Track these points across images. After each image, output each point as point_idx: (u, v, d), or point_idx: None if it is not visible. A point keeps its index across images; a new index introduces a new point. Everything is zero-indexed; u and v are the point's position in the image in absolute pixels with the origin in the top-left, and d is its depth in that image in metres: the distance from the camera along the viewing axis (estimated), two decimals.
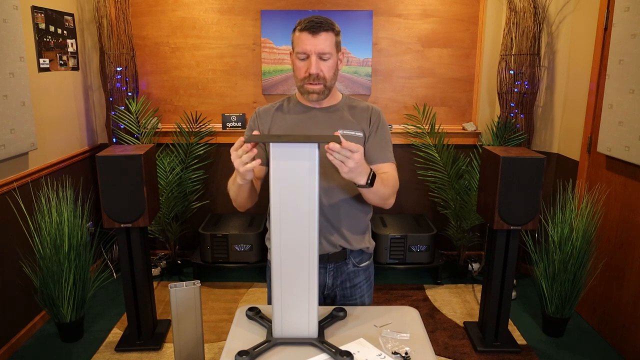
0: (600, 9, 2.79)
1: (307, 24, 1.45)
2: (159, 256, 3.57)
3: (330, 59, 1.46)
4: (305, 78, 1.47)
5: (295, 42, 1.49)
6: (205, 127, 3.49)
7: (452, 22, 3.50)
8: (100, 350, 2.61)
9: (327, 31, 1.44)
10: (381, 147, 1.55)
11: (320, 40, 1.44)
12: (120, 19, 3.23)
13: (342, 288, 1.63)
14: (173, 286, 2.17)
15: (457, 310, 3.05)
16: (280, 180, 1.17)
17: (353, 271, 1.62)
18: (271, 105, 1.62)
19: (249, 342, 1.26)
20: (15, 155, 2.57)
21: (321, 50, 1.44)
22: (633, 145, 2.40)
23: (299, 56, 1.47)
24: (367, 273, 1.66)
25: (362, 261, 1.63)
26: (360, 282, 1.64)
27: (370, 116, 1.57)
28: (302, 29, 1.46)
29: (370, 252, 1.66)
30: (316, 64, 1.45)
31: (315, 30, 1.44)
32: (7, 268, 2.55)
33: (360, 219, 1.59)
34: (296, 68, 1.50)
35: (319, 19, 1.45)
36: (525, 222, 2.43)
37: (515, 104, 3.25)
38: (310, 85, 1.47)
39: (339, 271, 1.60)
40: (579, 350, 2.66)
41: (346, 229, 1.56)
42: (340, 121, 1.54)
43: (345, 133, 1.51)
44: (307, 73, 1.46)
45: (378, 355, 1.24)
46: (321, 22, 1.44)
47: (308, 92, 1.49)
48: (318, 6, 3.46)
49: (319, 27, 1.44)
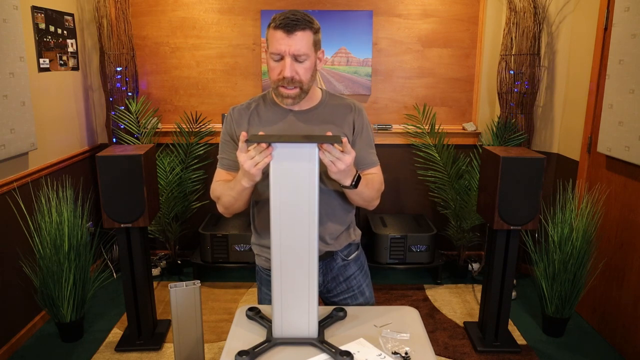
0: (600, 9, 2.79)
1: (282, 21, 1.31)
2: (159, 256, 3.57)
3: (306, 60, 1.35)
4: (280, 80, 1.35)
5: (269, 40, 1.35)
6: (205, 127, 3.49)
7: (452, 22, 3.50)
8: (100, 350, 2.61)
9: (303, 30, 1.32)
10: (366, 151, 1.49)
11: (295, 40, 1.31)
12: (120, 19, 3.23)
13: (337, 283, 1.60)
14: (173, 286, 2.17)
15: (457, 310, 3.06)
16: (280, 181, 1.17)
17: (343, 265, 1.59)
18: (247, 104, 1.51)
19: (249, 342, 1.26)
20: (15, 155, 2.57)
21: (296, 51, 1.32)
22: (633, 145, 2.40)
23: (272, 57, 1.35)
24: (358, 263, 1.63)
25: (350, 253, 1.61)
26: (353, 273, 1.61)
27: (354, 120, 1.49)
28: (276, 27, 1.32)
29: (357, 242, 1.63)
30: (291, 67, 1.33)
31: (290, 29, 1.30)
32: (7, 268, 2.55)
33: (343, 219, 1.54)
34: (270, 68, 1.37)
35: (295, 16, 1.32)
36: (525, 222, 2.43)
37: (515, 104, 3.25)
38: (284, 89, 1.37)
39: (328, 267, 1.58)
40: (579, 350, 2.66)
41: (330, 233, 1.51)
42: (320, 126, 1.45)
43: None
44: (281, 75, 1.34)
45: (378, 355, 1.24)
46: (297, 20, 1.31)
47: (282, 96, 1.38)
48: (318, 6, 3.46)
49: (295, 26, 1.30)
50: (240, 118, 1.48)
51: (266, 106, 1.49)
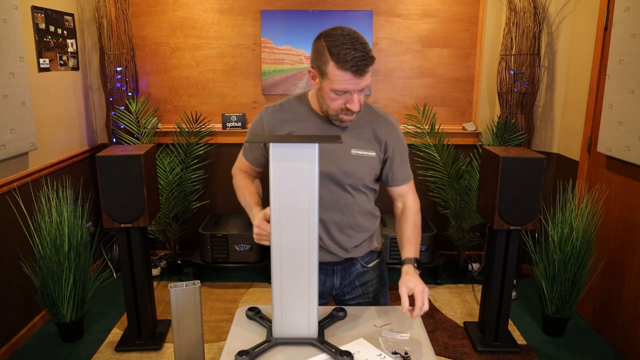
0: (600, 9, 2.79)
1: (353, 64, 1.25)
2: (159, 256, 3.57)
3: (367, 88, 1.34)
4: (344, 110, 1.35)
5: (331, 75, 1.28)
6: (205, 127, 3.50)
7: (452, 22, 3.50)
8: (100, 350, 2.61)
9: (371, 65, 1.28)
10: (400, 167, 1.51)
11: (365, 78, 1.29)
12: (120, 19, 3.23)
13: (352, 287, 1.60)
14: (173, 286, 2.17)
15: (457, 310, 3.05)
16: (280, 181, 1.17)
17: (362, 272, 1.60)
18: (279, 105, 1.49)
19: (249, 342, 1.26)
20: (15, 155, 2.57)
21: (364, 86, 1.31)
22: (633, 145, 2.40)
23: (337, 92, 1.31)
24: (378, 271, 1.62)
25: (371, 260, 1.61)
26: (371, 280, 1.61)
27: (387, 134, 1.47)
28: (345, 68, 1.26)
29: (378, 250, 1.63)
30: (358, 100, 1.32)
31: (362, 72, 1.27)
32: (7, 268, 2.55)
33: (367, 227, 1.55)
34: (329, 99, 1.33)
35: (363, 54, 1.25)
36: (525, 222, 2.43)
37: (515, 104, 3.25)
38: (346, 116, 1.37)
39: (346, 272, 1.58)
40: (579, 350, 2.66)
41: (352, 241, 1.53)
42: (355, 140, 1.44)
43: (359, 154, 1.44)
44: (347, 107, 1.33)
45: (378, 355, 1.24)
46: (364, 57, 1.26)
47: (340, 121, 1.39)
48: (318, 6, 3.46)
49: (365, 66, 1.26)
50: (271, 120, 1.47)
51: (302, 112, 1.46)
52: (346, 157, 1.43)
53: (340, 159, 1.43)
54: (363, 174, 1.46)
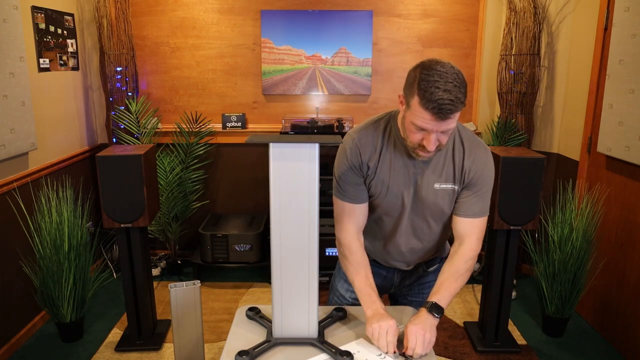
0: (600, 9, 2.79)
1: (435, 105, 1.17)
2: (159, 256, 3.57)
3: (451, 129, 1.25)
4: (420, 146, 1.28)
5: (413, 109, 1.22)
6: (205, 127, 3.49)
7: (452, 22, 3.50)
8: (100, 350, 2.61)
9: (456, 112, 1.19)
10: (474, 202, 1.41)
11: (448, 122, 1.21)
12: (120, 19, 3.23)
13: (411, 287, 1.64)
14: (173, 286, 2.17)
15: (457, 310, 3.05)
16: (280, 181, 1.17)
17: (422, 275, 1.64)
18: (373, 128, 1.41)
19: (249, 342, 1.26)
20: (15, 155, 2.57)
21: (446, 130, 1.23)
22: (633, 145, 2.40)
23: (416, 126, 1.24)
24: (437, 274, 1.58)
25: (433, 264, 1.63)
26: (429, 281, 1.62)
27: (466, 169, 1.39)
28: (427, 107, 1.18)
29: (442, 257, 1.63)
30: (436, 140, 1.25)
31: (443, 116, 1.19)
32: (7, 268, 2.55)
33: (438, 247, 1.58)
34: (409, 130, 1.27)
35: (451, 99, 1.16)
36: (525, 222, 2.43)
37: (515, 104, 3.25)
38: (421, 152, 1.30)
39: (407, 274, 1.62)
40: (579, 350, 2.66)
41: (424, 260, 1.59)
42: (436, 172, 1.39)
43: (442, 187, 1.40)
44: (423, 144, 1.27)
45: (378, 355, 1.24)
46: (453, 104, 1.17)
47: (417, 155, 1.32)
48: (318, 6, 3.46)
49: (449, 112, 1.18)
50: (364, 144, 1.40)
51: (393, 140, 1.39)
52: (428, 191, 1.41)
53: (423, 192, 1.41)
54: (444, 206, 1.44)
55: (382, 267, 1.61)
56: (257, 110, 3.64)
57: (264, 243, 3.32)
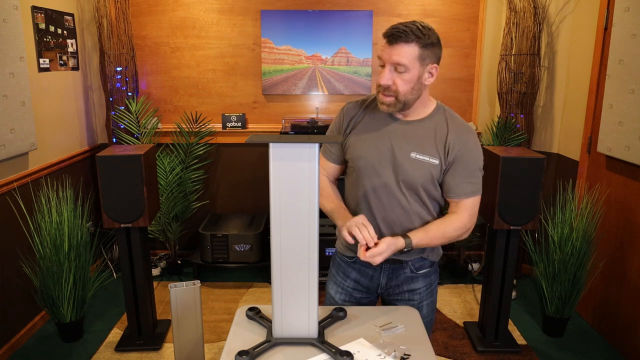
0: (600, 9, 2.79)
1: (388, 31, 1.36)
2: (159, 256, 3.57)
3: (406, 72, 1.36)
4: (379, 86, 1.40)
5: (380, 47, 1.43)
6: (205, 127, 3.49)
7: (452, 22, 3.50)
8: (100, 350, 2.61)
9: (407, 42, 1.33)
10: (462, 181, 1.43)
11: (396, 50, 1.34)
12: (120, 19, 3.23)
13: (399, 292, 1.59)
14: (173, 286, 2.17)
15: (457, 310, 3.05)
16: (280, 181, 1.17)
17: (410, 277, 1.57)
18: (362, 100, 1.56)
19: (249, 342, 1.26)
20: (15, 155, 2.57)
21: (395, 61, 1.35)
22: (633, 145, 2.40)
23: (379, 62, 1.41)
24: (427, 280, 1.59)
25: (422, 268, 1.57)
26: (419, 288, 1.58)
27: (454, 142, 1.42)
28: (383, 36, 1.38)
29: (432, 260, 1.59)
30: (388, 75, 1.37)
31: (393, 40, 1.34)
32: (7, 268, 2.55)
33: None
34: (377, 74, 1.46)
35: (405, 28, 1.34)
36: (525, 222, 2.43)
37: (515, 104, 3.25)
38: (381, 95, 1.40)
39: (394, 273, 1.56)
40: (579, 350, 2.66)
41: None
42: (417, 143, 1.44)
43: (418, 157, 1.42)
44: (379, 82, 1.40)
45: (378, 355, 1.24)
46: (403, 32, 1.33)
47: (379, 102, 1.42)
48: (318, 6, 3.46)
49: (398, 37, 1.34)
50: (352, 109, 1.54)
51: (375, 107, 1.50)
52: (404, 160, 1.43)
53: (398, 160, 1.43)
54: (418, 179, 1.43)
55: (369, 266, 1.57)
56: (257, 110, 3.64)
57: (264, 243, 3.32)
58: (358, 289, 1.60)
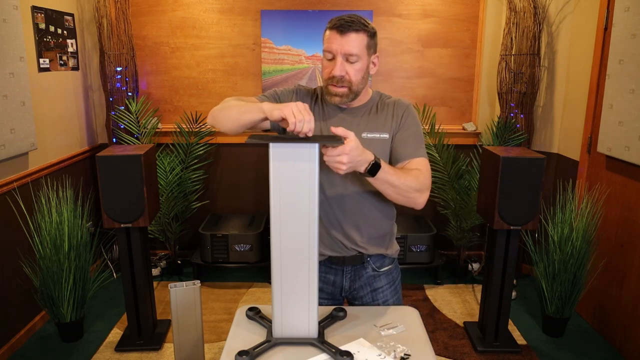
0: (600, 9, 2.79)
1: (337, 22, 1.37)
2: (159, 256, 3.57)
3: (358, 61, 1.38)
4: (330, 78, 1.40)
5: (324, 40, 1.42)
6: (205, 127, 3.49)
7: (452, 22, 3.50)
8: (100, 350, 2.61)
9: (357, 31, 1.36)
10: (406, 143, 1.45)
11: (347, 40, 1.35)
12: (120, 19, 3.23)
13: (364, 293, 1.58)
14: (173, 286, 2.17)
15: (457, 310, 3.05)
16: (280, 181, 1.17)
17: (373, 275, 1.57)
18: (313, 90, 1.57)
19: (249, 342, 1.26)
20: (15, 155, 2.57)
21: (348, 51, 1.36)
22: (633, 145, 2.40)
23: (326, 55, 1.41)
24: (390, 277, 1.60)
25: (383, 265, 1.58)
26: (382, 286, 1.59)
27: (394, 113, 1.48)
28: (331, 27, 1.38)
29: (392, 257, 1.60)
30: (341, 66, 1.37)
31: (344, 30, 1.35)
32: (7, 268, 2.55)
33: (378, 224, 1.53)
34: (323, 67, 1.44)
35: (351, 18, 1.37)
36: (525, 222, 2.43)
37: (515, 104, 3.25)
38: (333, 87, 1.40)
39: (357, 275, 1.56)
40: (579, 350, 2.66)
41: (363, 233, 1.51)
42: (366, 124, 1.47)
43: (369, 136, 1.45)
44: (332, 74, 1.39)
45: (378, 355, 1.24)
46: (352, 22, 1.36)
47: (331, 94, 1.42)
48: (318, 6, 3.46)
49: (348, 27, 1.35)
50: (304, 98, 1.54)
51: (320, 99, 1.53)
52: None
53: None
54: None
55: (330, 271, 1.55)
56: None
57: (264, 243, 3.32)
58: (322, 297, 1.58)
